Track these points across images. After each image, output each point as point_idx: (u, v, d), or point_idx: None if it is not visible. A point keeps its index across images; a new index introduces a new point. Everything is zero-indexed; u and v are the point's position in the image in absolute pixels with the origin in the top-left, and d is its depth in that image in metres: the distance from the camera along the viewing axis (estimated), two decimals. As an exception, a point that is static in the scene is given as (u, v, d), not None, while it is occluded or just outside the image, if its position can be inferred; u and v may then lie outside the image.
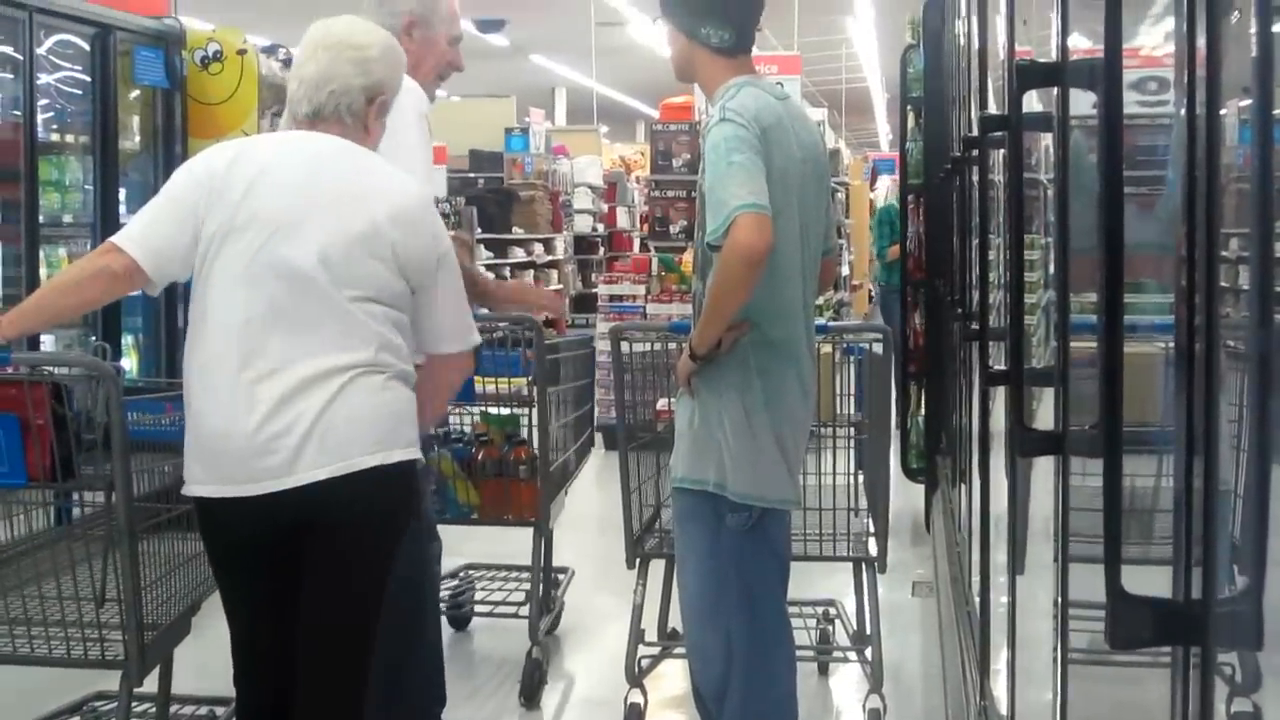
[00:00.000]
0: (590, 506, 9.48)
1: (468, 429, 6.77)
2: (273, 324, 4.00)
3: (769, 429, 4.61)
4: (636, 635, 6.00)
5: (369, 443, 4.01)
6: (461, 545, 7.64)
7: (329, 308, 4.01)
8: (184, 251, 4.11)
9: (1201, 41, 1.71)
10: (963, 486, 6.34)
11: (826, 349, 6.45)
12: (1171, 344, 1.83)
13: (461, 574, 7.77)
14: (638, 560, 5.94)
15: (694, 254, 4.83)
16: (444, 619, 6.84)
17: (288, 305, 4.00)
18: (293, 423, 3.96)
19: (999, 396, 3.98)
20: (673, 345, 5.50)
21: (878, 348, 5.98)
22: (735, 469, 4.61)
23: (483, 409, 6.71)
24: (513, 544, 6.98)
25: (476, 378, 6.31)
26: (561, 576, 7.60)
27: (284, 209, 4.05)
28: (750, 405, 4.60)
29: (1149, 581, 1.91)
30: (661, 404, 6.11)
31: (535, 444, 6.53)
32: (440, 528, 5.91)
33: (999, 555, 4.20)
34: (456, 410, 6.69)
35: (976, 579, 4.88)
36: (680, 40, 4.78)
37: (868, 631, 6.06)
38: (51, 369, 4.58)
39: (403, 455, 4.09)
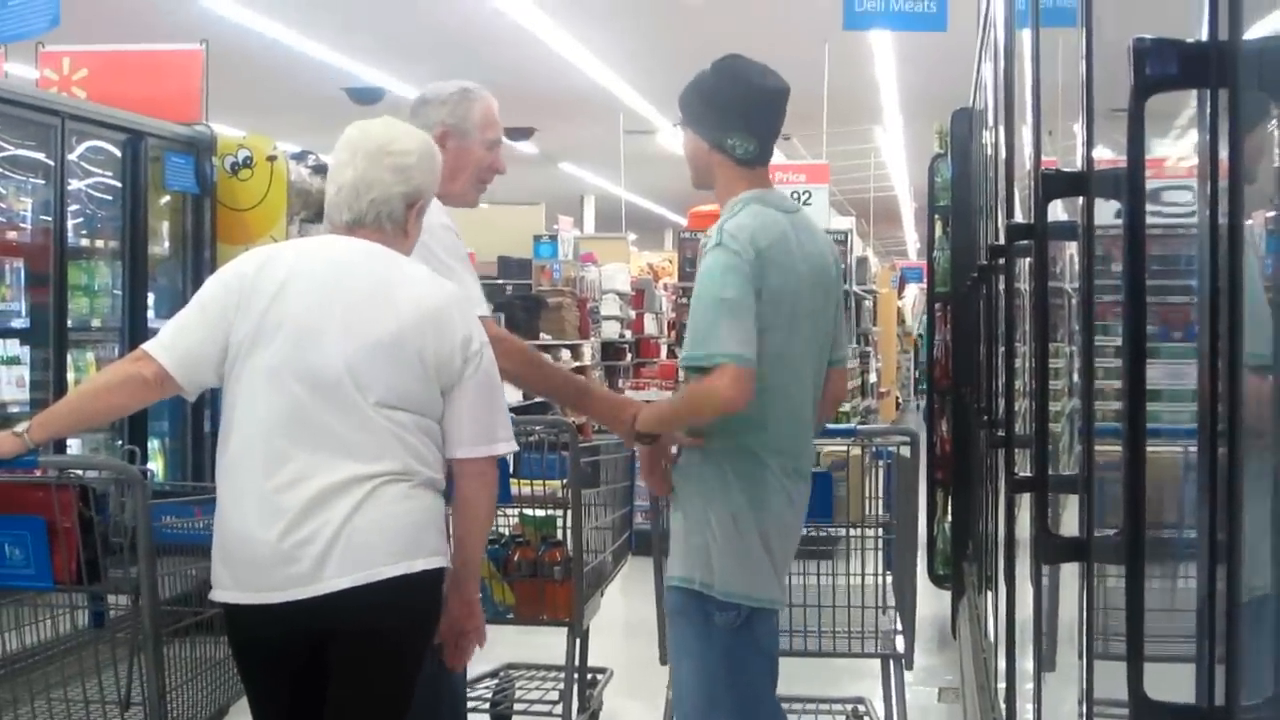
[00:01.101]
0: (616, 611, 9.45)
1: (505, 531, 6.80)
2: (297, 430, 4.01)
3: (754, 529, 4.63)
4: (668, 730, 6.01)
5: (392, 552, 4.00)
6: (505, 643, 7.67)
7: (354, 415, 4.01)
8: (215, 358, 4.11)
9: (1224, 153, 1.73)
10: (989, 593, 6.33)
11: (856, 452, 6.51)
12: (1194, 449, 1.84)
13: (502, 673, 7.77)
14: (670, 658, 5.96)
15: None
16: (487, 717, 6.87)
17: (312, 412, 4.01)
18: (317, 531, 3.95)
19: (1024, 503, 3.98)
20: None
21: (905, 450, 6.06)
22: (722, 568, 4.62)
23: (520, 510, 6.74)
24: (555, 645, 6.98)
25: (514, 480, 6.35)
26: (600, 676, 7.62)
27: (309, 314, 4.05)
28: (737, 507, 4.62)
29: (1178, 679, 1.91)
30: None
31: (570, 545, 6.55)
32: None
33: (1025, 661, 4.19)
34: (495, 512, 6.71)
35: (1002, 685, 4.86)
36: (703, 149, 4.79)
37: (896, 728, 6.09)
38: (79, 472, 4.60)
39: (426, 564, 4.07)
